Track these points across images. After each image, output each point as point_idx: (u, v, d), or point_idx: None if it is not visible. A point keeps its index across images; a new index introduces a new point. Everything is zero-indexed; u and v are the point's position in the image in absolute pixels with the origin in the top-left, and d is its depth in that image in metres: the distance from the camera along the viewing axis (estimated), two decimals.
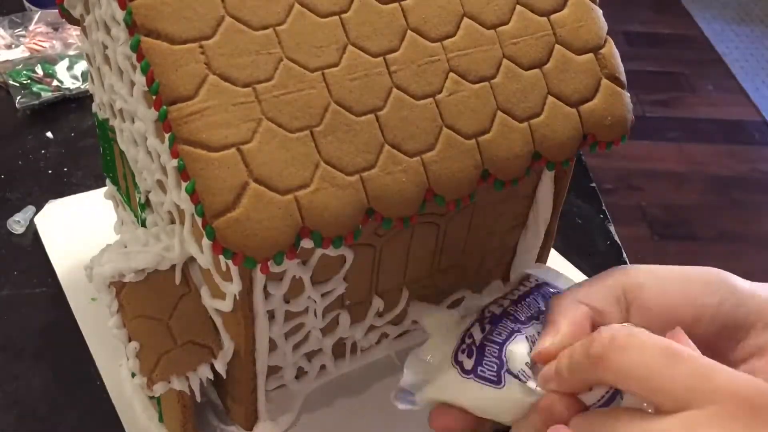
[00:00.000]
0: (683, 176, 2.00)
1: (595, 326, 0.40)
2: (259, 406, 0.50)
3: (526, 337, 0.42)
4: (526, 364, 0.40)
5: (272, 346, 0.47)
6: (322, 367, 0.53)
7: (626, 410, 0.35)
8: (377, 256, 0.48)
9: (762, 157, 2.09)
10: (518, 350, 0.41)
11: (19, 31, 0.88)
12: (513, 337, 0.42)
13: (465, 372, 0.42)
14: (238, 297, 0.43)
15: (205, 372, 0.46)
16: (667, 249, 1.79)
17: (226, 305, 0.44)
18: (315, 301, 0.47)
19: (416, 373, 0.45)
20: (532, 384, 0.39)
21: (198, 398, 0.47)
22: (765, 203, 1.94)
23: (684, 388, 0.33)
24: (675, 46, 2.52)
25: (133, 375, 0.46)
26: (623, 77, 0.47)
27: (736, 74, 2.41)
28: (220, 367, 0.46)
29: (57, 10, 0.52)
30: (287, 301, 0.46)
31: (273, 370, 0.50)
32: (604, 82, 0.46)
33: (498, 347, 0.41)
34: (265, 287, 0.44)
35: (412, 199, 0.41)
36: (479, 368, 0.41)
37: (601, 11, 0.48)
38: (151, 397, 0.50)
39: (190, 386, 0.46)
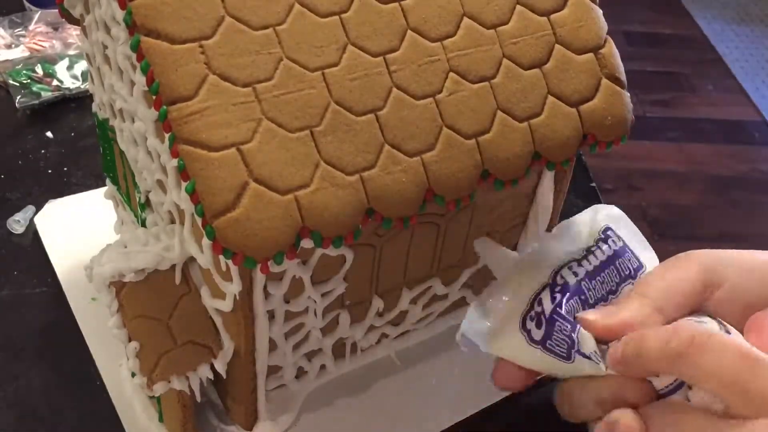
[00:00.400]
0: (683, 176, 2.00)
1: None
2: (259, 406, 0.50)
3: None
4: (595, 352, 0.40)
5: (272, 346, 0.47)
6: (322, 367, 0.53)
7: (704, 412, 0.35)
8: (377, 256, 0.48)
9: (762, 157, 2.09)
10: (590, 340, 0.40)
11: (19, 31, 0.88)
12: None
13: (533, 341, 0.41)
14: (238, 297, 0.43)
15: (205, 372, 0.46)
16: (667, 249, 1.78)
17: (226, 305, 0.44)
18: (315, 301, 0.47)
19: (478, 324, 0.44)
20: (602, 366, 0.40)
21: (198, 398, 0.47)
22: (765, 203, 1.94)
23: (764, 395, 0.33)
24: (675, 46, 2.52)
25: (133, 375, 0.46)
26: (623, 77, 0.47)
27: (736, 74, 2.41)
28: (220, 367, 0.46)
29: (57, 10, 0.52)
30: (287, 301, 0.46)
31: (273, 370, 0.50)
32: (604, 82, 0.46)
33: (569, 325, 0.41)
34: (265, 287, 0.44)
35: (412, 199, 0.41)
36: (548, 342, 0.41)
37: (601, 11, 0.48)
38: (151, 397, 0.50)
39: (190, 386, 0.46)
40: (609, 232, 0.46)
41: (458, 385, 0.55)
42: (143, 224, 0.51)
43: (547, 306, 0.42)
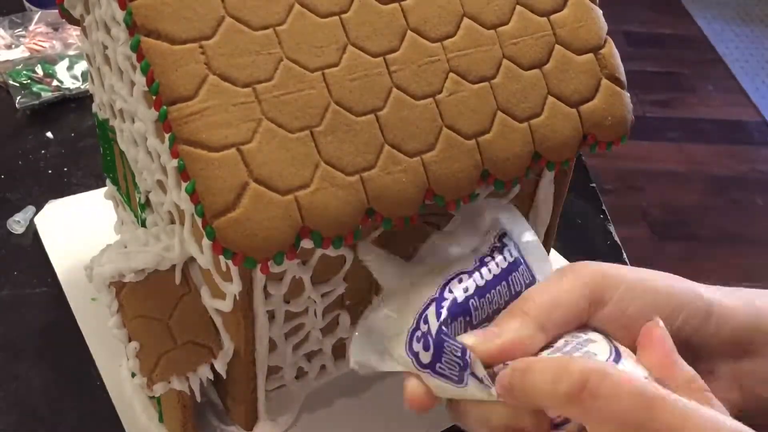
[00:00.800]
0: (683, 176, 2.00)
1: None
2: (259, 406, 0.50)
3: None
4: (489, 373, 0.37)
5: (272, 346, 0.47)
6: (322, 367, 0.53)
7: None
8: None
9: (762, 157, 2.09)
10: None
11: (19, 31, 0.88)
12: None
13: (421, 365, 0.38)
14: (238, 297, 0.43)
15: (205, 372, 0.46)
16: (667, 249, 1.79)
17: (226, 305, 0.44)
18: (315, 302, 0.47)
19: (364, 351, 0.41)
20: (494, 391, 0.36)
21: (198, 398, 0.47)
22: (765, 203, 1.94)
23: None
24: (675, 46, 2.52)
25: (133, 375, 0.46)
26: (623, 77, 0.47)
27: (736, 74, 2.41)
28: (220, 367, 0.46)
29: (57, 10, 0.52)
30: (287, 301, 0.46)
31: (273, 370, 0.50)
32: (604, 82, 0.47)
33: (459, 347, 0.37)
34: (265, 287, 0.44)
35: (412, 199, 0.41)
36: (438, 365, 0.37)
37: (601, 11, 0.48)
38: (151, 397, 0.50)
39: (190, 386, 0.46)
40: (506, 240, 0.42)
41: None
42: (143, 224, 0.51)
43: (433, 324, 0.38)
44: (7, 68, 0.82)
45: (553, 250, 0.62)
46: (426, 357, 0.38)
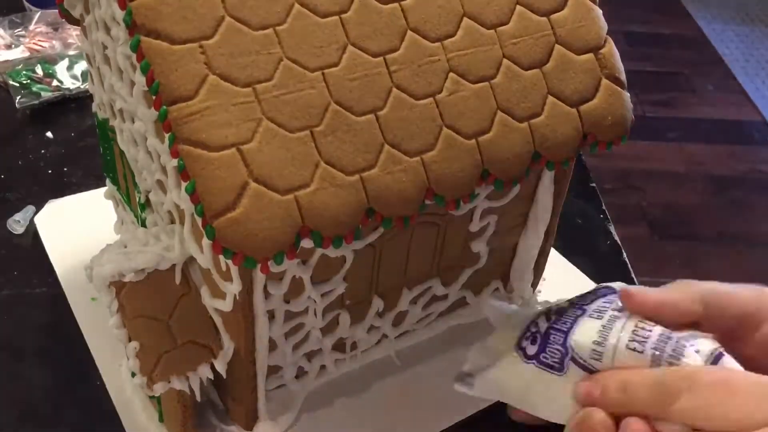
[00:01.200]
0: (683, 176, 2.00)
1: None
2: (259, 406, 0.50)
3: (590, 315, 0.42)
4: (593, 351, 0.41)
5: (272, 346, 0.47)
6: (322, 367, 0.53)
7: None
8: (377, 256, 0.48)
9: (762, 157, 2.09)
10: (584, 339, 0.41)
11: (19, 31, 0.88)
12: (577, 322, 0.42)
13: (527, 358, 0.43)
14: (238, 297, 0.43)
15: (205, 372, 0.46)
16: (667, 249, 1.79)
17: (226, 305, 0.44)
18: (315, 301, 0.47)
19: (479, 359, 0.47)
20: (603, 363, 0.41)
21: (198, 398, 0.47)
22: (765, 203, 1.94)
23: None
24: (675, 46, 2.52)
25: (133, 375, 0.46)
26: (623, 77, 0.47)
27: (736, 74, 2.41)
28: (220, 367, 0.46)
29: (57, 10, 0.52)
30: (287, 301, 0.46)
31: (273, 370, 0.50)
32: (604, 82, 0.46)
33: (563, 336, 0.42)
34: (265, 287, 0.44)
35: (412, 199, 0.41)
36: (542, 354, 0.43)
37: (601, 11, 0.48)
38: (151, 397, 0.50)
39: (190, 386, 0.46)
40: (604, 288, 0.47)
41: None
42: (143, 224, 0.51)
43: (543, 325, 0.44)
44: (7, 68, 0.82)
45: (553, 250, 0.62)
46: (532, 350, 0.43)
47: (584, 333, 0.42)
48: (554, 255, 0.64)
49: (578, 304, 0.44)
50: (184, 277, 0.46)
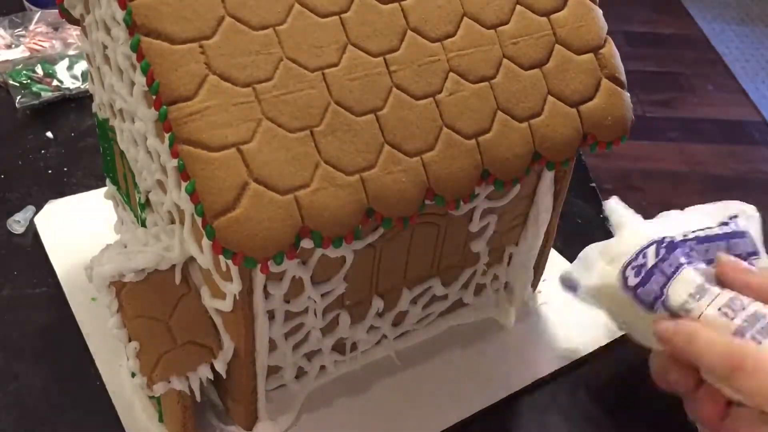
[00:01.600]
0: (683, 176, 2.00)
1: None
2: (259, 406, 0.50)
3: (694, 269, 0.44)
4: (685, 302, 0.43)
5: (272, 346, 0.47)
6: (322, 367, 0.53)
7: None
8: (377, 256, 0.48)
9: (762, 157, 2.09)
10: (681, 291, 0.43)
11: (19, 31, 0.88)
12: (679, 271, 0.44)
13: (626, 287, 0.46)
14: (238, 297, 0.43)
15: (205, 372, 0.46)
16: None
17: (226, 305, 0.44)
18: (315, 301, 0.47)
19: (585, 267, 0.50)
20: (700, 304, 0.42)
21: (198, 398, 0.47)
22: (765, 203, 1.93)
23: None
24: (675, 46, 2.52)
25: (133, 375, 0.46)
26: (623, 77, 0.47)
27: (736, 74, 2.41)
28: (220, 367, 0.46)
29: (57, 10, 0.52)
30: (287, 301, 0.46)
31: (273, 370, 0.50)
32: (604, 82, 0.46)
33: (665, 279, 0.44)
34: (265, 287, 0.44)
35: (412, 199, 0.41)
36: (640, 289, 0.45)
37: (601, 11, 0.48)
38: (151, 397, 0.50)
39: (190, 386, 0.46)
40: (736, 219, 0.49)
41: (458, 385, 0.55)
42: (143, 224, 0.51)
43: (650, 258, 0.45)
44: (7, 68, 0.82)
45: (553, 250, 0.62)
46: (633, 281, 0.45)
47: (684, 283, 0.44)
48: (554, 255, 0.64)
49: (688, 252, 0.45)
50: (184, 277, 0.46)
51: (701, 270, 0.44)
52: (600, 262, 0.48)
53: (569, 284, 0.51)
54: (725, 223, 0.48)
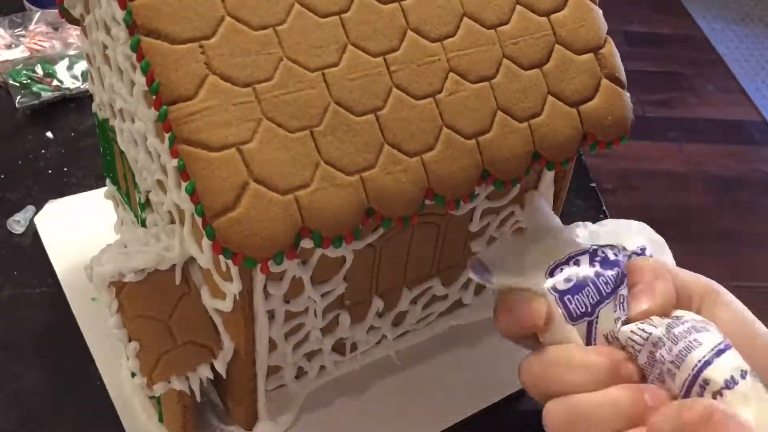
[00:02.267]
0: (683, 176, 2.00)
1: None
2: (259, 406, 0.50)
3: (616, 302, 0.41)
4: (608, 333, 0.41)
5: (272, 346, 0.47)
6: (322, 367, 0.53)
7: None
8: (377, 256, 0.48)
9: (762, 157, 2.09)
10: (608, 319, 0.41)
11: (19, 31, 0.88)
12: (609, 299, 0.41)
13: (554, 290, 0.42)
14: (238, 297, 0.43)
15: (205, 372, 0.46)
16: None
17: (226, 305, 0.44)
18: (315, 301, 0.47)
19: (501, 257, 0.45)
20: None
21: (198, 398, 0.47)
22: (765, 203, 1.94)
23: None
24: (675, 46, 2.52)
25: (133, 375, 0.46)
26: (623, 77, 0.47)
27: (736, 74, 2.41)
28: (220, 367, 0.46)
29: (57, 10, 0.52)
30: (287, 301, 0.46)
31: (273, 370, 0.50)
32: (604, 82, 0.46)
33: (599, 298, 0.41)
34: (265, 287, 0.44)
35: (412, 199, 0.41)
36: (567, 297, 0.42)
37: (601, 11, 0.48)
38: (151, 397, 0.50)
39: (190, 386, 0.46)
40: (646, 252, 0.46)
41: (458, 386, 0.55)
42: (143, 224, 0.51)
43: (584, 269, 0.42)
44: (7, 68, 0.82)
45: None
46: (562, 285, 0.42)
47: (608, 316, 0.41)
48: None
49: (621, 270, 0.43)
50: (184, 277, 0.46)
51: (619, 301, 0.42)
52: (519, 255, 0.45)
53: (479, 272, 0.46)
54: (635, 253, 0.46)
